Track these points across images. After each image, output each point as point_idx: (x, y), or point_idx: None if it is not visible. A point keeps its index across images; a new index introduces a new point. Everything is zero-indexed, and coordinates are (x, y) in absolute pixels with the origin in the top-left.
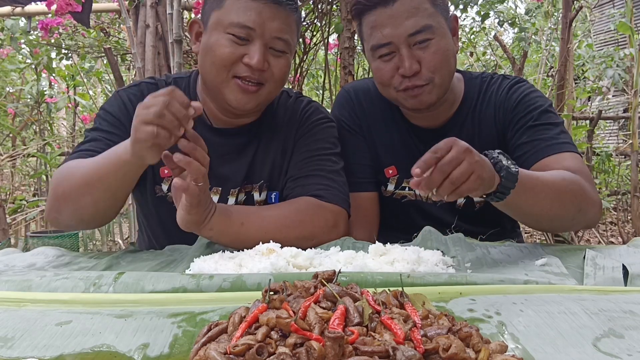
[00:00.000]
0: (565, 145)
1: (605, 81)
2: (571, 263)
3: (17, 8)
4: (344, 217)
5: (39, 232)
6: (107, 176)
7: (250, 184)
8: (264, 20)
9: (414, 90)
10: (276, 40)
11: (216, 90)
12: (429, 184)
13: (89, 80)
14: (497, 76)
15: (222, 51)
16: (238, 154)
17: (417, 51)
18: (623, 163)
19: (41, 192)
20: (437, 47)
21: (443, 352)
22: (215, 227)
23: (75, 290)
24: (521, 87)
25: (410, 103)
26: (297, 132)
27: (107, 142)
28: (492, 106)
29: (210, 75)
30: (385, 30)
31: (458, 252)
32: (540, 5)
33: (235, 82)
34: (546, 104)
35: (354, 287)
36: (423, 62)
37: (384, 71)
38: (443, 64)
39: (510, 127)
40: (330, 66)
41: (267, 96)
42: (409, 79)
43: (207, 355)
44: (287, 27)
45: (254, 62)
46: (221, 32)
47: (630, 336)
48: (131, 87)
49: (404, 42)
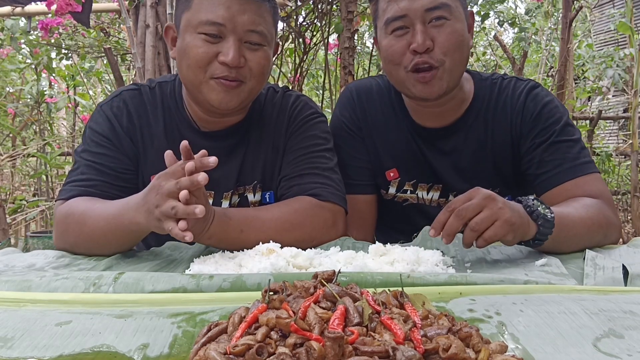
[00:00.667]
0: (586, 166)
1: (605, 81)
2: (571, 263)
3: (17, 8)
4: (342, 215)
5: (39, 232)
6: (121, 237)
7: (243, 186)
8: (233, 14)
9: (425, 75)
10: (250, 34)
11: (197, 92)
12: (447, 229)
13: (89, 80)
14: (509, 78)
15: (196, 52)
16: (228, 156)
17: (432, 29)
18: (623, 163)
19: (41, 192)
20: (452, 29)
21: (443, 352)
22: (215, 235)
23: (75, 291)
24: (539, 94)
25: (419, 90)
26: (288, 129)
27: (98, 168)
28: (508, 111)
29: (188, 78)
30: (402, 3)
31: (458, 252)
32: (540, 5)
33: (214, 82)
34: (565, 116)
35: (353, 287)
36: (436, 41)
37: (395, 47)
38: (456, 48)
39: (529, 137)
40: (330, 66)
41: (250, 93)
42: (420, 55)
43: (207, 355)
44: (260, 18)
45: (229, 59)
46: (193, 33)
47: (630, 336)
48: (113, 99)
49: (419, 17)
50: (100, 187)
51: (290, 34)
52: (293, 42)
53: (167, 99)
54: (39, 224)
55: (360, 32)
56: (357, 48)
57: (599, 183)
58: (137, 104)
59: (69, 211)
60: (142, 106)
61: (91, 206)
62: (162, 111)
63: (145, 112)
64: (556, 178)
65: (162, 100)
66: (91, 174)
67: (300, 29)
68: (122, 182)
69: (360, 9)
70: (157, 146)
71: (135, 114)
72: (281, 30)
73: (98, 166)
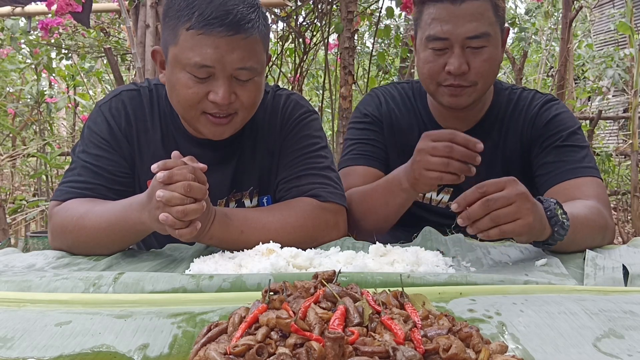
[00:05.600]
0: (588, 169)
1: (605, 81)
2: (571, 263)
3: (17, 8)
4: (343, 215)
5: (39, 232)
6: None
7: (239, 192)
8: (222, 54)
9: (456, 90)
10: (240, 71)
11: (189, 123)
12: (470, 214)
13: (89, 80)
14: (529, 91)
15: (186, 92)
16: (221, 163)
17: (469, 54)
18: (623, 163)
19: (41, 192)
20: (489, 56)
21: (443, 352)
22: (215, 236)
23: (75, 291)
24: (553, 105)
25: (447, 100)
26: (282, 131)
27: (95, 170)
28: (522, 121)
29: (179, 111)
30: (445, 26)
31: (458, 252)
32: (540, 5)
33: (206, 117)
34: (575, 126)
35: (354, 288)
36: (472, 65)
37: (432, 64)
38: (490, 72)
39: (538, 144)
40: (330, 66)
41: (242, 122)
42: (455, 77)
43: (207, 355)
44: (250, 53)
45: (218, 99)
46: (181, 70)
47: (631, 336)
48: (112, 99)
49: (460, 42)
50: (96, 189)
51: (290, 34)
52: (293, 42)
53: (163, 103)
54: (39, 224)
55: (360, 32)
56: (357, 48)
57: (599, 187)
58: (135, 105)
59: (66, 213)
60: (141, 108)
61: (90, 208)
62: (158, 115)
63: (143, 115)
64: (556, 178)
65: (159, 103)
66: (88, 176)
67: (300, 29)
68: (119, 185)
69: (360, 9)
70: (154, 152)
71: (133, 116)
72: (281, 30)
73: (95, 168)
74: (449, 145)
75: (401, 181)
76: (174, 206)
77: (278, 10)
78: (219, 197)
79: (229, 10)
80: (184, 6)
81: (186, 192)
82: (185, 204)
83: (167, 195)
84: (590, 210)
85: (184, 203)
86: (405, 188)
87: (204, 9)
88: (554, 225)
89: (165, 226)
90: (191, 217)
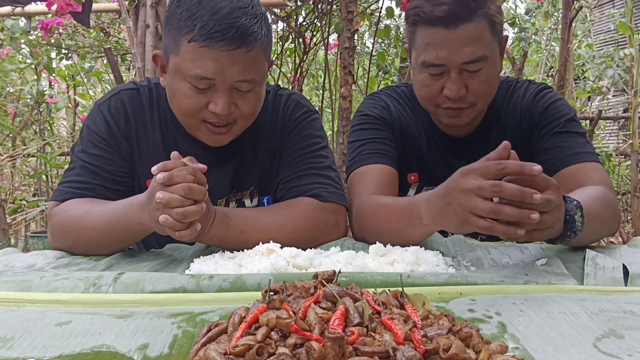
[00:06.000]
0: (590, 155)
1: (605, 81)
2: (571, 263)
3: (17, 8)
4: (343, 215)
5: (39, 232)
6: (125, 237)
7: (240, 192)
8: (223, 67)
9: (455, 112)
10: (240, 83)
11: (189, 129)
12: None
13: (89, 80)
14: (522, 81)
15: (186, 102)
16: (221, 163)
17: (467, 77)
18: (623, 163)
19: (41, 192)
20: (486, 76)
21: (443, 352)
22: (215, 236)
23: (75, 291)
24: (548, 93)
25: (446, 121)
26: (283, 131)
27: (94, 170)
28: (518, 111)
29: (179, 118)
30: (440, 52)
31: (458, 253)
32: (540, 5)
33: (205, 125)
34: (572, 113)
35: (354, 288)
36: (470, 87)
37: (429, 88)
38: (488, 91)
39: (536, 132)
40: (330, 66)
41: (241, 130)
42: (453, 101)
43: (207, 355)
44: (252, 66)
45: (218, 110)
46: (182, 79)
47: (631, 336)
48: (110, 98)
49: (456, 67)
50: (95, 189)
51: (290, 34)
52: (293, 42)
53: (163, 103)
54: (39, 224)
55: (360, 32)
56: (357, 48)
57: (603, 173)
58: (135, 104)
59: (65, 214)
60: (140, 107)
61: (90, 209)
62: (158, 115)
63: (143, 114)
64: (559, 163)
65: (159, 102)
66: (87, 176)
67: (300, 29)
68: (118, 185)
69: (360, 9)
70: (153, 152)
71: (133, 115)
72: (281, 30)
73: (94, 168)
74: (497, 184)
75: (422, 216)
76: (174, 208)
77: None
78: (220, 197)
79: (232, 24)
80: (187, 17)
81: (186, 194)
82: (185, 205)
83: (166, 197)
84: (602, 201)
85: (183, 205)
86: (427, 224)
87: (207, 21)
88: (567, 230)
89: (165, 227)
90: (191, 218)
